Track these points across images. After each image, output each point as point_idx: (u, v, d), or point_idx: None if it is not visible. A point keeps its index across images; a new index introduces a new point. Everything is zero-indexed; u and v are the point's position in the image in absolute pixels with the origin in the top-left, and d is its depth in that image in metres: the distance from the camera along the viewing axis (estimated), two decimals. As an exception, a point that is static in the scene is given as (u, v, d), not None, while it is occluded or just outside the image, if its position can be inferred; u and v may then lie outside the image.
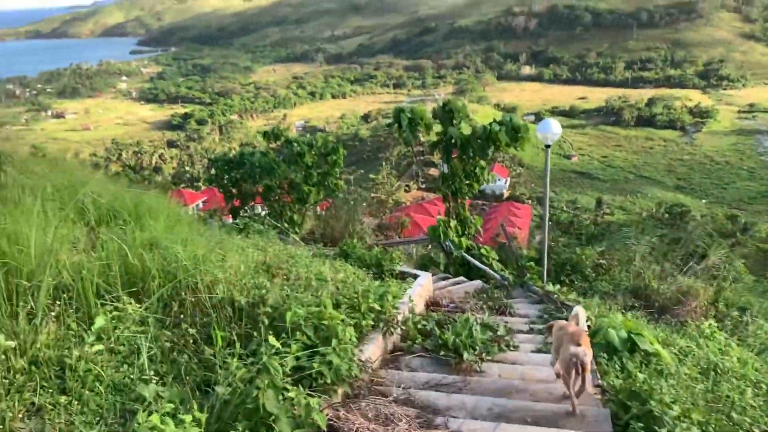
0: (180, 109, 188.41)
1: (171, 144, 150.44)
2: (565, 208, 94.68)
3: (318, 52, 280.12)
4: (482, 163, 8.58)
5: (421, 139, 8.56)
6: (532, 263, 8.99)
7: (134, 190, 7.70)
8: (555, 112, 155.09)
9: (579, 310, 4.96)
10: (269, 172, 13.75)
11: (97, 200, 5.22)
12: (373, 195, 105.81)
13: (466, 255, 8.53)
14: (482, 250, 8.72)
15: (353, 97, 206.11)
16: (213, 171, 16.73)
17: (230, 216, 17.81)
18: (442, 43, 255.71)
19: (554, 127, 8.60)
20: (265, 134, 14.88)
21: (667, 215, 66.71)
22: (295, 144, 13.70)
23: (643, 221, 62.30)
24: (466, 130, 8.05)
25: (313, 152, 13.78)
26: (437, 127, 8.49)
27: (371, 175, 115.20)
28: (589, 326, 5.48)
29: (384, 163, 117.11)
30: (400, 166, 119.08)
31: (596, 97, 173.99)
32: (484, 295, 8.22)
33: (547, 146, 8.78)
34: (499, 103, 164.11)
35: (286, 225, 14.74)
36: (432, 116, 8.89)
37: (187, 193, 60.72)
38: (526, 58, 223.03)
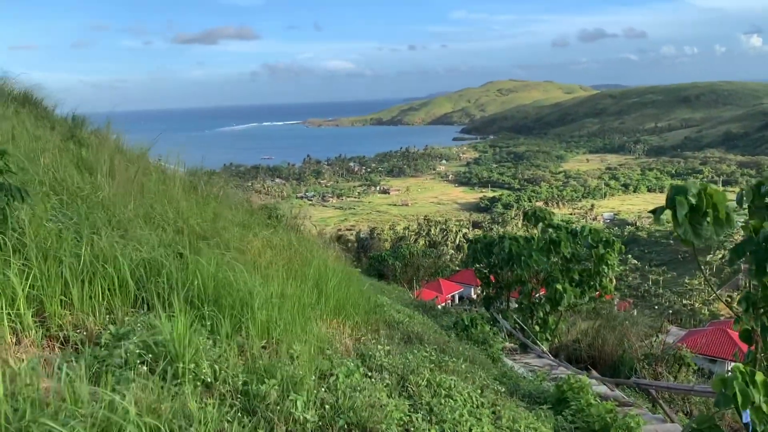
0: (489, 193, 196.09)
1: (475, 225, 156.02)
2: None
3: (637, 143, 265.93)
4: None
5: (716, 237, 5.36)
6: None
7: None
8: None
9: None
10: (520, 260, 11.41)
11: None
12: (684, 302, 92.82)
13: (783, 437, 4.92)
14: (817, 434, 4.99)
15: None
16: (471, 254, 14.98)
17: (485, 305, 15.79)
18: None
19: None
20: (525, 215, 12.65)
21: None
22: (551, 230, 11.12)
23: None
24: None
25: (576, 243, 11.00)
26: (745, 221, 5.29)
27: (686, 279, 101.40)
28: None
29: (702, 267, 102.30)
30: (722, 273, 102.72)
31: None
32: None
33: None
34: None
35: (537, 327, 12.09)
36: (737, 201, 5.65)
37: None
38: None
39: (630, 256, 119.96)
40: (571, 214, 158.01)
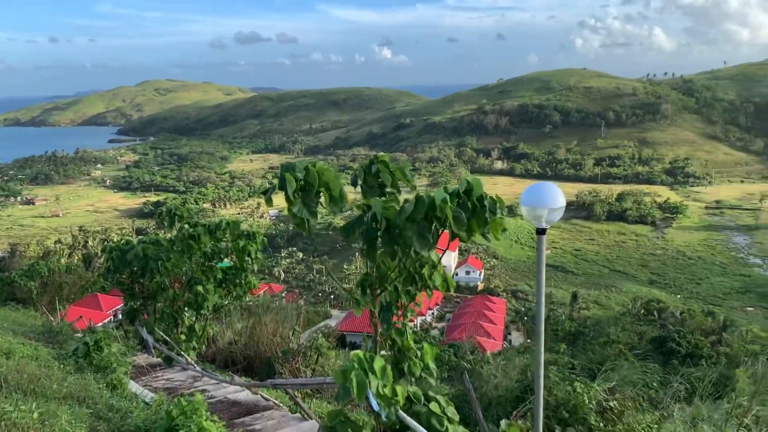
0: (153, 197, 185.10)
1: (139, 232, 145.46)
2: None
3: (295, 143, 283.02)
4: (426, 257, 5.09)
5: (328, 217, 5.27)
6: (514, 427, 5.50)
7: None
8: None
9: None
10: (157, 265, 10.22)
11: None
12: (345, 286, 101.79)
13: (406, 416, 4.85)
14: (432, 405, 5.07)
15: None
16: (107, 263, 12.94)
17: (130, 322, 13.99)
18: (417, 138, 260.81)
19: (552, 196, 5.26)
20: (159, 216, 11.42)
21: (644, 311, 64.24)
22: (187, 226, 10.24)
23: (620, 317, 59.74)
24: (397, 203, 4.74)
25: (216, 238, 10.31)
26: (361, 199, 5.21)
27: (345, 266, 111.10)
28: None
29: (357, 253, 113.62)
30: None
31: (567, 191, 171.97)
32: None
33: (541, 231, 5.40)
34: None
35: (183, 337, 11.07)
36: (351, 182, 5.48)
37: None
38: (498, 153, 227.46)
39: (296, 248, 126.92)
40: (238, 213, 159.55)
